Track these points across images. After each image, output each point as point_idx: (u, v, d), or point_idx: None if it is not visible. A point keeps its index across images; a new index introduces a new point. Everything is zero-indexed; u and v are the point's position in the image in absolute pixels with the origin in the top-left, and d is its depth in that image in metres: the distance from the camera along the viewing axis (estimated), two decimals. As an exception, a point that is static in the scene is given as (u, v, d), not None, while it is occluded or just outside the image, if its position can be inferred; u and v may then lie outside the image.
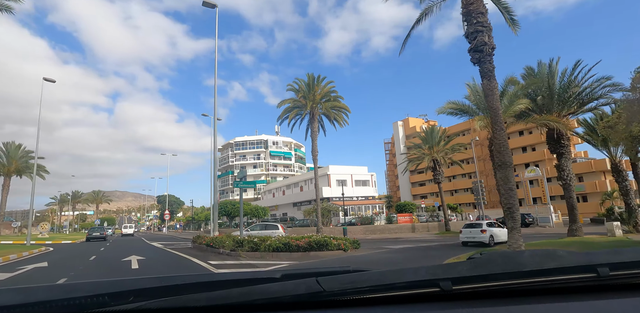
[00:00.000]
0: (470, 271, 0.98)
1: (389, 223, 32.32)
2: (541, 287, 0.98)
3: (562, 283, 0.98)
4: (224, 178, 75.74)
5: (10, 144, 45.90)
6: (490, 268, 1.00)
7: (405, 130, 70.88)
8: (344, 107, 28.97)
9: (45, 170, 48.60)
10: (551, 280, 0.97)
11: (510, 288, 0.97)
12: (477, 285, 0.96)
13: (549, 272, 0.98)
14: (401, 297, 0.95)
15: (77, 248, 21.11)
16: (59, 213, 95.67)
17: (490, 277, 0.97)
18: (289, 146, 77.51)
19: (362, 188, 46.27)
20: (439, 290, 0.94)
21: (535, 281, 0.97)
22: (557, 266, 0.99)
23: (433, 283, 0.95)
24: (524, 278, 0.97)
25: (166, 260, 11.47)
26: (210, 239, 14.16)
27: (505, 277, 0.97)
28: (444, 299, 0.96)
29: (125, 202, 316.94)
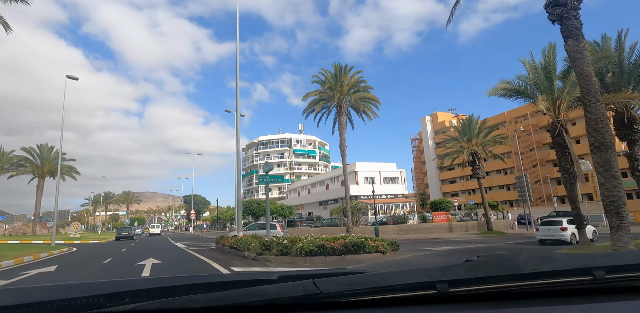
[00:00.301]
0: (467, 273, 0.96)
1: (423, 222, 29.95)
2: (538, 289, 0.97)
3: (558, 286, 0.97)
4: (249, 178, 75.13)
5: (43, 146, 46.77)
6: (487, 270, 0.98)
7: (434, 126, 67.67)
8: (373, 98, 26.92)
9: (76, 171, 49.23)
10: (548, 282, 0.96)
11: (507, 291, 0.96)
12: (474, 287, 0.95)
13: (546, 275, 0.97)
14: (398, 299, 0.94)
15: (99, 249, 20.22)
16: (93, 214, 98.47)
17: (488, 280, 0.96)
18: (313, 144, 75.94)
19: (391, 186, 43.94)
20: (436, 293, 0.93)
21: (531, 284, 0.96)
22: (554, 269, 0.98)
23: (430, 285, 0.94)
24: (521, 281, 0.96)
25: (184, 265, 9.96)
26: (234, 241, 12.59)
27: (502, 280, 0.96)
28: (441, 301, 0.95)
29: (155, 203, 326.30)
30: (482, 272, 0.98)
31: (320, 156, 75.74)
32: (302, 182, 59.25)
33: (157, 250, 17.70)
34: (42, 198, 46.10)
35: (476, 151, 27.03)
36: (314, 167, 74.16)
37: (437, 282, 0.94)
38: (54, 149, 47.07)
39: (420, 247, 16.80)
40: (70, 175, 48.23)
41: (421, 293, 0.95)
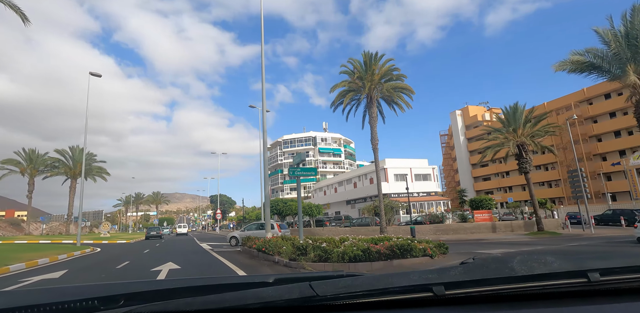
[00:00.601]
0: (463, 276, 0.96)
1: (463, 221, 27.42)
2: (533, 292, 0.96)
3: (553, 288, 0.97)
4: (274, 178, 74.18)
5: (75, 148, 47.37)
6: (482, 273, 0.98)
7: (465, 120, 64.11)
8: (407, 87, 24.73)
9: (106, 172, 49.63)
10: (542, 285, 0.96)
11: (502, 293, 0.95)
12: (470, 290, 0.94)
13: (541, 277, 0.97)
14: (394, 301, 0.94)
15: (121, 250, 19.25)
16: (125, 214, 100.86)
17: (483, 282, 0.95)
18: (338, 142, 74.06)
19: (423, 183, 41.39)
20: (432, 295, 0.92)
21: (526, 286, 0.96)
22: (549, 271, 0.98)
23: (426, 288, 0.93)
24: (516, 283, 0.96)
25: (204, 273, 8.39)
26: (262, 243, 10.95)
27: (498, 282, 0.96)
28: (437, 304, 0.94)
29: (184, 203, 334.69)
30: (478, 274, 0.97)
31: (345, 154, 73.79)
32: (329, 180, 57.51)
33: (179, 252, 16.43)
34: (76, 199, 46.76)
35: (523, 142, 24.28)
36: (339, 166, 72.28)
37: (434, 284, 0.93)
38: (87, 150, 47.69)
39: (469, 250, 14.65)
40: (100, 176, 48.74)
41: (417, 296, 0.94)
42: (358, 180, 45.71)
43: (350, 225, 27.57)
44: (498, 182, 58.88)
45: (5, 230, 58.48)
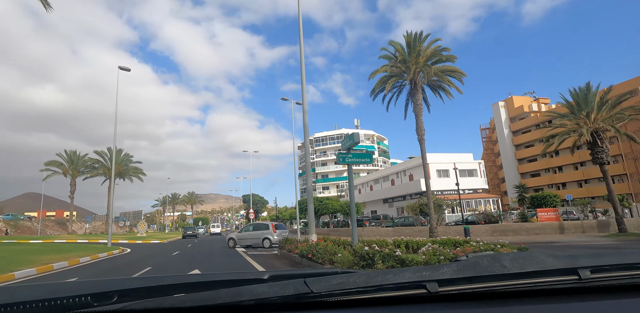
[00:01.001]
0: (456, 273, 0.97)
1: (523, 221, 24.01)
2: (524, 289, 0.97)
3: (544, 285, 0.98)
4: (305, 177, 72.71)
5: (113, 149, 47.90)
6: (475, 270, 0.98)
7: (509, 112, 59.14)
8: (457, 70, 21.79)
9: (142, 172, 49.79)
10: (534, 282, 0.97)
11: (494, 290, 0.96)
12: (463, 287, 0.95)
13: (532, 275, 0.98)
14: (388, 298, 0.94)
15: (150, 251, 17.85)
16: (163, 214, 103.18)
17: (476, 279, 0.96)
18: (371, 139, 71.16)
19: (468, 180, 37.83)
20: (425, 292, 0.93)
21: (518, 283, 0.96)
22: (540, 269, 0.99)
23: (420, 285, 0.94)
24: (508, 281, 0.96)
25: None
26: (306, 247, 8.77)
27: (490, 279, 0.96)
28: (430, 301, 0.95)
29: (218, 204, 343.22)
30: (471, 271, 0.97)
31: (379, 151, 70.75)
32: (364, 178, 54.87)
33: (210, 255, 14.68)
34: (119, 200, 47.30)
35: (599, 128, 20.61)
36: (372, 163, 69.42)
37: (427, 281, 0.94)
38: (123, 151, 48.04)
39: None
40: (137, 177, 48.97)
41: (411, 293, 0.94)
42: (396, 177, 42.78)
43: (393, 225, 24.96)
44: (549, 178, 53.62)
45: (52, 229, 60.72)
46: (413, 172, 38.36)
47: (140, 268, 9.94)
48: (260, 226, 18.71)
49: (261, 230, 17.91)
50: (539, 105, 56.87)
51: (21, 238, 36.77)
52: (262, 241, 17.54)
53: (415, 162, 37.97)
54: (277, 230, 17.66)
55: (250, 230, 18.74)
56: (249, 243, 18.14)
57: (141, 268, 9.93)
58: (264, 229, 17.99)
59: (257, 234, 17.86)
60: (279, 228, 18.26)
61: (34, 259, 11.43)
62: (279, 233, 17.50)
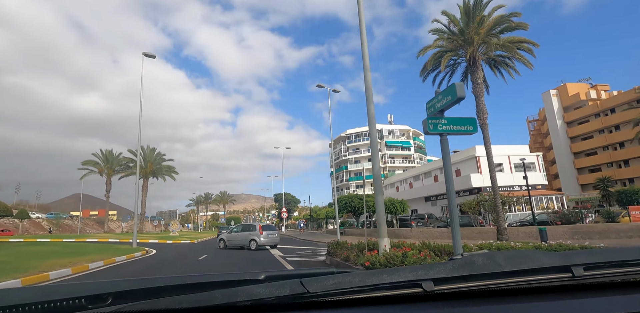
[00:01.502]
0: (451, 272, 0.97)
1: (610, 221, 19.84)
2: (519, 287, 0.97)
3: (539, 283, 0.98)
4: (338, 175, 69.63)
5: (146, 148, 47.37)
6: (471, 268, 0.98)
7: (562, 101, 53.23)
8: (527, 41, 18.13)
9: (175, 171, 49.05)
10: (528, 280, 0.97)
11: (489, 289, 0.96)
12: (458, 285, 0.95)
13: (527, 272, 0.98)
14: (384, 297, 0.94)
15: (176, 254, 15.71)
16: (197, 214, 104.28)
17: (471, 278, 0.96)
18: (407, 135, 67.12)
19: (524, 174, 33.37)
20: (421, 291, 0.93)
21: (513, 281, 0.97)
22: (534, 267, 0.99)
23: (415, 284, 0.94)
24: (503, 279, 0.96)
25: None
26: (374, 258, 5.93)
27: (485, 278, 0.96)
28: (426, 299, 0.95)
29: (249, 204, 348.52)
30: (466, 270, 0.97)
31: (415, 147, 66.62)
32: (402, 175, 51.24)
33: (241, 260, 12.22)
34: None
35: None
36: (408, 160, 65.37)
37: (423, 280, 0.93)
38: (156, 150, 47.42)
39: None
40: (170, 175, 48.27)
41: (407, 292, 0.94)
42: (439, 172, 38.93)
43: (447, 225, 21.57)
44: (613, 172, 47.43)
45: (92, 227, 61.90)
46: (461, 167, 34.46)
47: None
48: (248, 227, 18.30)
49: (248, 232, 17.50)
50: (597, 93, 50.63)
51: (58, 237, 36.55)
52: (249, 242, 17.14)
53: (464, 155, 34.08)
54: (264, 232, 17.10)
55: (239, 231, 18.30)
56: (238, 244, 17.84)
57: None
58: (250, 230, 17.55)
59: (244, 235, 17.47)
60: (266, 229, 17.55)
61: (33, 265, 9.39)
62: (267, 234, 17.05)
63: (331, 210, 35.18)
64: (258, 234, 16.83)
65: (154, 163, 46.00)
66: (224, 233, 19.77)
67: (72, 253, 13.02)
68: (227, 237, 18.70)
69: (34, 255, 12.22)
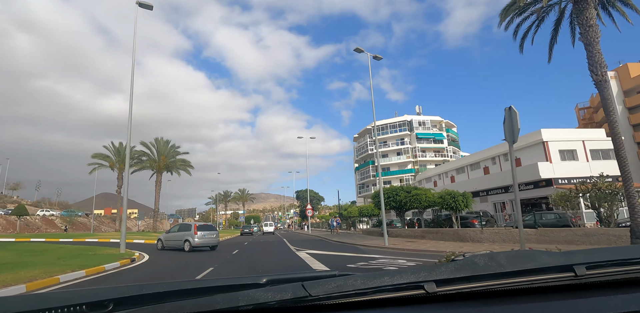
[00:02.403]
0: (453, 273, 0.96)
1: None
2: (521, 287, 0.96)
3: (541, 282, 0.97)
4: (364, 171, 64.28)
5: (159, 140, 43.45)
6: (472, 269, 0.97)
7: (622, 84, 46.11)
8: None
9: (190, 165, 44.95)
10: (531, 280, 0.97)
11: (492, 289, 0.96)
12: (461, 286, 0.94)
13: (529, 272, 0.97)
14: (387, 300, 0.93)
15: (175, 263, 11.01)
16: (216, 212, 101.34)
17: (473, 279, 0.95)
18: (439, 126, 61.04)
19: (604, 164, 27.17)
20: (423, 292, 0.92)
21: (515, 281, 0.96)
22: (536, 266, 0.98)
23: (418, 285, 0.93)
24: (505, 279, 0.96)
25: None
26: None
27: (487, 278, 0.96)
28: (429, 301, 0.94)
29: (269, 203, 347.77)
30: (468, 271, 0.96)
31: (448, 140, 60.46)
32: (443, 167, 45.31)
33: (265, 271, 7.35)
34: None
35: None
36: (441, 154, 59.28)
37: (425, 282, 0.93)
38: (170, 142, 43.43)
39: None
40: (185, 170, 44.22)
41: (409, 294, 0.93)
42: (491, 163, 33.09)
43: (536, 225, 15.99)
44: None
45: (108, 225, 59.04)
46: (522, 155, 28.60)
47: None
48: (184, 227, 17.03)
49: (183, 232, 16.35)
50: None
51: (71, 236, 32.97)
52: (184, 243, 16.00)
53: (526, 140, 28.19)
54: (199, 232, 15.82)
55: (176, 231, 17.03)
56: (173, 245, 16.67)
57: None
58: (185, 230, 16.35)
59: (179, 235, 16.33)
60: (203, 229, 16.16)
61: None
62: (202, 235, 15.87)
63: (367, 206, 30.05)
64: (192, 234, 15.59)
65: (167, 156, 42.05)
66: (162, 234, 18.52)
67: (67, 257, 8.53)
68: (165, 237, 17.55)
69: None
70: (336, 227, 28.56)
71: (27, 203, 64.91)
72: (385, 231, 17.11)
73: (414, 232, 20.66)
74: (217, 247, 16.85)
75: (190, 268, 9.76)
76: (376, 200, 23.48)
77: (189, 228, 16.27)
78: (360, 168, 65.14)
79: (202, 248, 16.34)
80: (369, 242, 19.00)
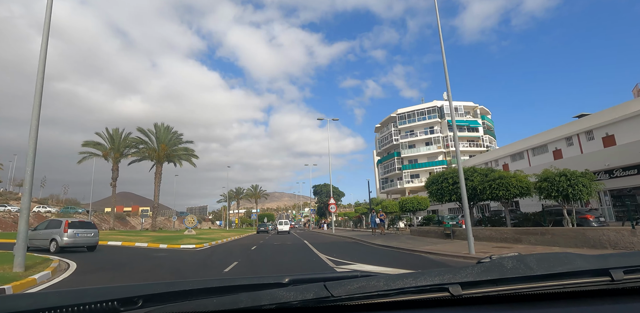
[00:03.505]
0: (479, 275, 0.92)
1: None
2: (553, 291, 0.92)
3: (574, 287, 0.92)
4: (388, 163, 57.62)
5: (159, 126, 37.86)
6: (500, 272, 0.94)
7: None
8: None
9: (194, 155, 39.23)
10: (563, 284, 0.92)
11: (521, 293, 0.91)
12: (487, 289, 0.91)
13: (561, 276, 0.93)
14: (410, 302, 0.91)
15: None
16: (228, 210, 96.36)
17: (501, 282, 0.92)
18: (472, 112, 53.90)
19: None
20: (448, 295, 0.89)
21: (546, 285, 0.92)
22: (569, 270, 0.94)
23: (442, 288, 0.90)
24: (535, 283, 0.92)
25: None
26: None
27: (516, 281, 0.92)
28: (453, 304, 0.91)
29: (283, 202, 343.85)
30: (495, 273, 0.93)
31: (484, 128, 53.28)
32: (491, 154, 38.40)
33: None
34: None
35: None
36: (476, 144, 52.21)
37: (450, 284, 0.90)
38: (172, 129, 37.81)
39: None
40: (188, 160, 38.53)
41: (433, 296, 0.90)
42: (565, 144, 26.07)
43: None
44: None
45: (110, 223, 54.34)
46: (615, 130, 21.66)
47: None
48: (53, 223, 14.44)
49: (51, 229, 13.94)
50: None
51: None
52: (50, 243, 13.65)
53: (621, 111, 21.24)
54: (70, 230, 13.43)
55: (43, 228, 14.62)
56: (38, 244, 14.07)
57: None
58: (54, 227, 13.88)
59: (46, 234, 13.93)
60: (76, 227, 13.76)
61: None
62: (74, 233, 13.46)
63: (411, 199, 23.59)
64: (61, 232, 13.42)
65: (168, 144, 36.48)
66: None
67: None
68: (30, 235, 15.05)
69: None
70: (379, 226, 22.09)
71: (33, 200, 61.13)
72: (470, 232, 10.74)
73: (501, 232, 14.18)
74: (95, 247, 14.30)
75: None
76: (433, 187, 17.08)
77: (58, 225, 13.83)
78: (384, 160, 58.53)
79: (159, 255, 10.62)
80: (436, 247, 12.67)
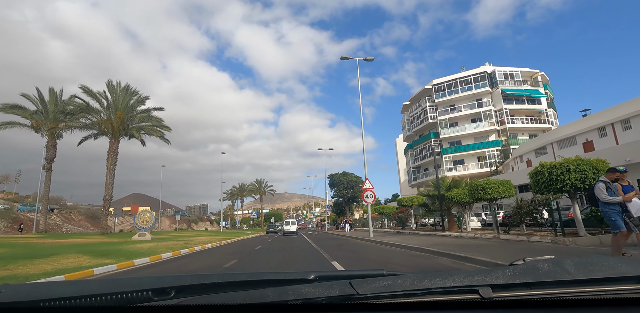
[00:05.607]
0: (512, 278, 0.89)
1: None
2: (592, 297, 0.85)
3: (616, 293, 0.86)
4: (420, 149, 45.18)
5: (114, 86, 26.26)
6: (534, 275, 0.90)
7: None
8: None
9: (164, 126, 27.55)
10: (604, 290, 0.85)
11: (556, 298, 0.85)
12: (520, 293, 0.86)
13: (602, 282, 0.87)
14: (437, 302, 0.88)
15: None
16: (232, 210, 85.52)
17: (535, 285, 0.87)
18: (531, 81, 41.38)
19: None
20: (478, 297, 0.85)
21: (585, 291, 0.85)
22: (611, 275, 0.89)
23: (472, 289, 0.86)
24: (573, 288, 0.86)
25: None
26: None
27: (552, 285, 0.87)
28: (483, 307, 0.87)
29: (293, 202, 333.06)
30: (529, 276, 0.89)
31: (547, 100, 40.70)
32: (554, 133, 25.57)
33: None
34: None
35: None
36: (538, 119, 39.69)
37: (480, 286, 0.86)
38: (131, 88, 26.21)
39: None
40: (157, 134, 26.85)
41: (462, 297, 0.86)
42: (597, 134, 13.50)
43: None
44: None
45: (77, 224, 43.50)
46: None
47: None
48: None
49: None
50: None
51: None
52: None
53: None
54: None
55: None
56: None
57: None
58: None
59: None
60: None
61: None
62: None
63: (491, 182, 11.64)
64: None
65: (124, 111, 25.07)
66: None
67: None
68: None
69: None
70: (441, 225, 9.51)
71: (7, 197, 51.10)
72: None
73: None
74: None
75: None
76: (540, 178, 5.13)
77: None
78: (415, 145, 46.22)
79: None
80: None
